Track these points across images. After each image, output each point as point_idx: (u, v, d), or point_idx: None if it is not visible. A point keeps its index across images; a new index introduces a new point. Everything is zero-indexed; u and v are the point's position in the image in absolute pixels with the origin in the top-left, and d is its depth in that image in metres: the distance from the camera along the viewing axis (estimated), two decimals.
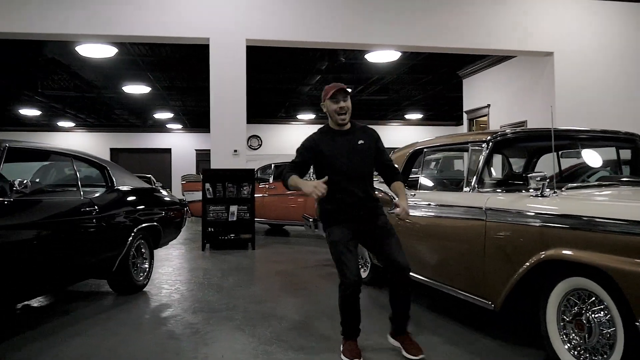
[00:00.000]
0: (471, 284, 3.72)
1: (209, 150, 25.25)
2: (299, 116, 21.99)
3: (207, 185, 8.35)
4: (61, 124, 23.57)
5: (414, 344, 3.39)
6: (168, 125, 24.77)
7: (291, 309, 4.66)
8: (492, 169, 3.97)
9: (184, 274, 6.46)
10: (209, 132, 8.71)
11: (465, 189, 3.97)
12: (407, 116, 23.42)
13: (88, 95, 16.54)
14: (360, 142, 3.41)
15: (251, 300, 4.90)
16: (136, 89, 15.12)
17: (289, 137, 20.48)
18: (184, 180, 14.17)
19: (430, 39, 9.15)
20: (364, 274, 5.69)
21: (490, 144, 3.86)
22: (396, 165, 3.66)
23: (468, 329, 3.97)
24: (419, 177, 4.72)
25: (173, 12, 8.28)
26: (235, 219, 8.31)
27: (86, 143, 24.77)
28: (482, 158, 3.88)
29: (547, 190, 3.25)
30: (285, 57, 12.14)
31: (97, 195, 4.67)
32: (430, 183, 4.92)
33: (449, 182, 5.01)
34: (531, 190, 3.36)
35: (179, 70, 13.74)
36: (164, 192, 6.26)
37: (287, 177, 3.32)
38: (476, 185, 3.85)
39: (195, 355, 3.47)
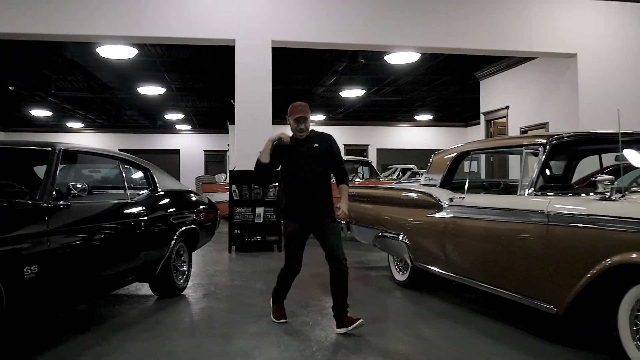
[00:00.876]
0: (531, 288, 3.68)
1: (218, 151, 25.25)
2: (310, 117, 21.93)
3: (234, 187, 8.32)
4: (70, 124, 23.58)
5: (351, 318, 4.05)
6: (177, 126, 24.77)
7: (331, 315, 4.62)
8: (547, 172, 3.93)
9: (218, 276, 6.42)
10: (218, 133, 8.70)
11: (521, 192, 3.94)
12: (417, 117, 23.39)
13: (101, 96, 16.53)
14: (315, 145, 4.14)
15: (296, 304, 4.87)
16: (151, 89, 15.11)
17: None
18: (200, 182, 14.15)
19: (451, 40, 9.11)
20: (402, 276, 5.67)
21: (548, 147, 3.83)
22: (345, 169, 4.33)
23: (526, 333, 3.93)
24: (466, 180, 4.67)
25: (198, 14, 8.26)
26: (261, 220, 8.28)
27: (95, 144, 24.77)
28: (539, 161, 3.84)
29: (617, 194, 3.21)
30: (302, 58, 12.13)
31: (143, 198, 4.64)
32: (478, 186, 4.88)
33: (499, 185, 4.97)
34: (594, 194, 3.33)
35: (193, 72, 13.73)
36: (196, 194, 6.23)
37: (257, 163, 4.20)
38: (533, 189, 3.82)
39: None
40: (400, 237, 5.31)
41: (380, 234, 5.80)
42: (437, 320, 4.39)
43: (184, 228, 5.16)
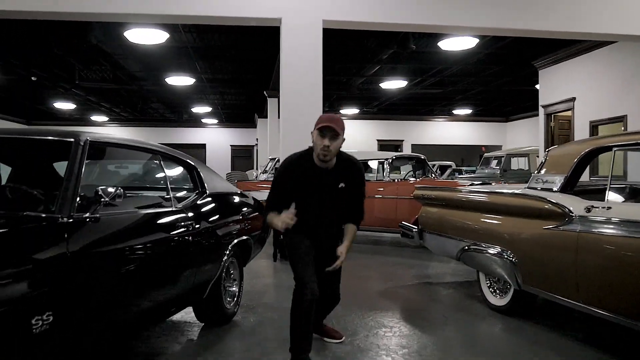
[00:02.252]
0: None
1: (245, 145, 24.47)
2: (343, 111, 20.92)
3: None
4: (94, 117, 22.92)
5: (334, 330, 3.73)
6: (204, 120, 23.95)
7: (428, 351, 3.59)
8: None
9: (269, 292, 5.43)
10: (245, 128, 7.68)
11: None
12: (455, 112, 22.20)
13: (127, 88, 15.70)
14: (341, 185, 3.27)
15: (368, 331, 3.85)
16: (180, 80, 14.20)
17: None
18: (232, 179, 13.20)
19: (517, 21, 7.92)
20: (500, 300, 4.61)
21: None
22: (363, 207, 3.46)
23: None
24: (607, 184, 3.59)
25: None
26: None
27: None
28: None
29: None
30: (342, 46, 11.09)
31: (190, 204, 3.65)
32: (627, 193, 3.80)
33: None
34: None
35: (225, 60, 12.76)
36: (245, 195, 5.23)
37: (265, 215, 3.28)
38: None
39: None
40: (504, 254, 4.24)
41: (468, 247, 4.74)
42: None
43: (236, 240, 4.16)
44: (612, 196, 3.59)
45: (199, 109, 20.55)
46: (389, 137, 23.00)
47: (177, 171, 3.94)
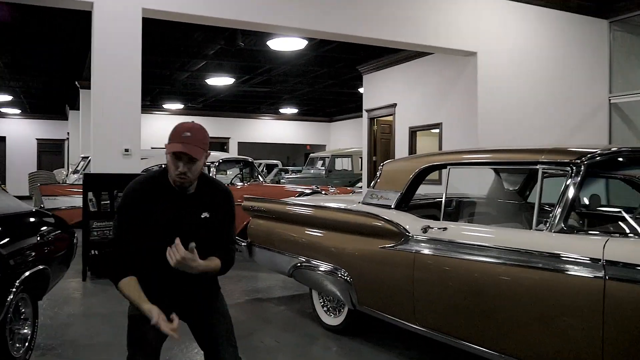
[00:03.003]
0: None
1: (55, 139, 22.04)
2: (166, 106, 19.79)
3: (90, 195, 6.39)
4: None
5: None
6: (3, 109, 20.94)
7: None
8: (583, 201, 2.91)
9: (74, 326, 4.59)
10: (56, 119, 6.74)
11: (540, 228, 2.88)
12: (282, 110, 22.29)
13: None
14: (204, 215, 2.38)
15: None
16: None
17: (152, 128, 18.22)
18: (37, 182, 11.56)
19: (342, 26, 7.93)
20: (334, 319, 4.41)
21: (583, 167, 2.80)
22: (233, 250, 2.53)
23: None
24: (441, 201, 3.52)
25: None
26: None
27: None
28: (571, 186, 2.81)
29: None
30: (164, 37, 10.29)
31: None
32: (465, 213, 3.77)
33: (494, 211, 3.90)
34: None
35: (26, 43, 11.10)
36: (44, 213, 4.38)
37: (116, 277, 2.25)
38: (562, 224, 2.77)
39: None
40: (338, 272, 4.03)
41: (300, 264, 4.47)
42: None
43: (27, 273, 3.36)
44: (450, 215, 3.54)
45: None
46: (215, 135, 22.26)
47: None
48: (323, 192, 7.61)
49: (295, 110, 22.54)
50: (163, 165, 2.55)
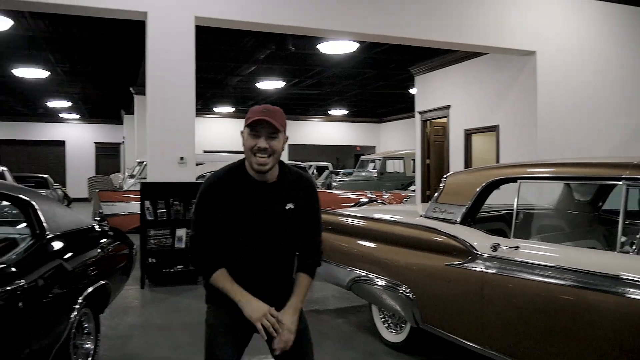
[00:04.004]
0: None
1: (112, 143, 22.64)
2: (217, 109, 20.02)
3: (147, 204, 6.45)
4: None
5: None
6: (62, 115, 21.69)
7: None
8: None
9: (134, 338, 4.59)
10: (113, 124, 6.84)
11: (626, 249, 2.65)
12: (331, 112, 22.20)
13: None
14: (288, 206, 2.18)
15: None
16: (30, 72, 12.50)
17: (205, 131, 18.43)
18: (96, 188, 11.88)
19: (395, 28, 7.76)
20: (396, 336, 4.26)
21: None
22: (321, 247, 2.33)
23: None
24: (506, 213, 3.33)
25: None
26: (183, 245, 6.50)
27: None
28: None
29: None
30: (217, 43, 10.37)
31: (17, 257, 2.81)
32: (532, 226, 3.56)
33: (565, 225, 3.67)
34: None
35: (85, 52, 11.42)
36: (103, 227, 4.41)
37: (206, 273, 2.15)
38: None
39: None
40: (401, 289, 3.88)
41: (360, 277, 4.34)
42: None
43: (90, 289, 3.37)
44: (523, 233, 3.33)
45: (56, 103, 18.50)
46: None
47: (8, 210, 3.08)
48: (379, 201, 7.44)
49: (344, 112, 22.42)
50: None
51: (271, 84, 14.74)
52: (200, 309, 2.35)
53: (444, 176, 4.01)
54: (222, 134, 19.51)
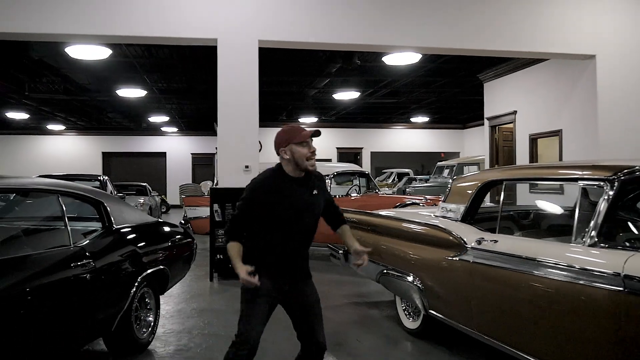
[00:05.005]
0: None
1: (206, 154, 24.23)
2: (301, 119, 21.02)
3: (216, 206, 7.35)
4: (51, 126, 22.50)
5: None
6: (163, 129, 23.72)
7: None
8: (620, 215, 3.01)
9: (194, 318, 5.46)
10: (206, 136, 7.77)
11: (576, 241, 3.03)
12: (413, 119, 22.51)
13: (78, 99, 15.50)
14: (314, 192, 3.02)
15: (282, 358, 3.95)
16: (131, 92, 14.09)
17: None
18: (183, 194, 13.17)
19: (456, 40, 8.18)
20: (413, 323, 4.75)
21: (618, 183, 2.92)
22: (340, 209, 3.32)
23: None
24: (497, 216, 3.76)
25: (176, 11, 7.30)
26: None
27: (77, 147, 23.72)
28: (605, 201, 2.93)
29: None
30: (293, 59, 11.21)
31: (90, 241, 3.68)
32: (515, 226, 3.96)
33: (547, 228, 4.04)
34: None
35: (176, 72, 12.74)
36: (168, 224, 5.26)
37: (228, 238, 2.93)
38: (597, 239, 2.91)
39: None
40: (411, 279, 4.39)
41: (385, 271, 4.87)
42: None
43: (149, 271, 4.20)
44: (505, 229, 3.75)
45: (156, 118, 20.38)
46: (348, 145, 23.21)
47: (85, 208, 3.97)
48: (421, 204, 7.87)
49: (426, 119, 22.62)
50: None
51: (346, 95, 15.43)
52: None
53: (451, 179, 4.46)
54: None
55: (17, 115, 18.80)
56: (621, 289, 2.62)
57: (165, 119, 20.44)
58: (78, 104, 16.69)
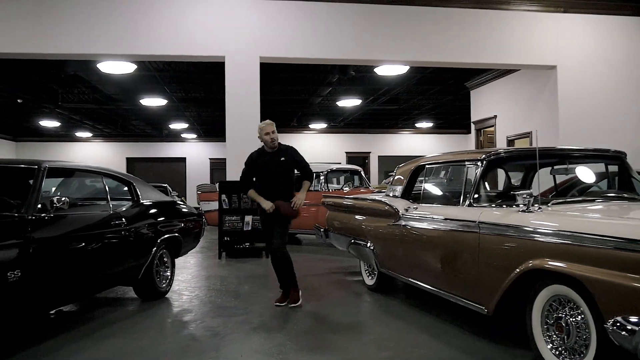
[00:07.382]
0: (467, 291, 4.08)
1: (223, 159, 25.66)
2: (311, 125, 22.42)
3: (223, 197, 8.76)
4: (79, 134, 24.22)
5: (295, 293, 5.31)
6: (183, 135, 25.32)
7: (303, 314, 5.02)
8: (486, 185, 4.32)
9: (202, 280, 6.86)
10: (223, 142, 9.16)
11: (462, 204, 4.34)
12: (418, 125, 23.74)
13: (106, 108, 17.10)
14: (282, 159, 5.28)
15: (266, 306, 5.29)
16: (153, 101, 15.63)
17: (302, 146, 20.85)
18: (199, 191, 14.64)
19: (435, 54, 9.51)
20: (371, 281, 6.06)
21: (485, 162, 4.23)
22: (311, 170, 5.49)
23: (465, 332, 4.31)
24: (420, 191, 5.08)
25: (189, 32, 8.74)
26: (250, 228, 8.71)
27: (103, 152, 25.41)
28: (477, 175, 4.24)
29: (534, 206, 3.60)
30: (299, 71, 12.60)
31: (124, 209, 5.10)
32: (430, 197, 5.26)
33: (448, 197, 5.35)
34: (520, 206, 3.72)
35: (195, 83, 14.23)
36: (183, 204, 6.67)
37: (245, 188, 5.49)
38: (471, 201, 4.22)
39: (216, 355, 3.86)
40: (368, 244, 5.71)
41: (352, 240, 6.20)
42: (390, 321, 4.79)
43: (166, 236, 5.60)
44: (424, 199, 5.07)
45: (177, 125, 21.96)
46: (357, 150, 24.54)
47: (120, 186, 5.39)
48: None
49: (430, 124, 23.84)
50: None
51: (349, 102, 16.77)
52: (252, 269, 5.94)
53: (396, 167, 5.80)
54: (317, 147, 22.28)
55: (50, 124, 20.53)
56: (477, 230, 3.92)
57: (185, 125, 22.02)
58: (105, 112, 18.32)
